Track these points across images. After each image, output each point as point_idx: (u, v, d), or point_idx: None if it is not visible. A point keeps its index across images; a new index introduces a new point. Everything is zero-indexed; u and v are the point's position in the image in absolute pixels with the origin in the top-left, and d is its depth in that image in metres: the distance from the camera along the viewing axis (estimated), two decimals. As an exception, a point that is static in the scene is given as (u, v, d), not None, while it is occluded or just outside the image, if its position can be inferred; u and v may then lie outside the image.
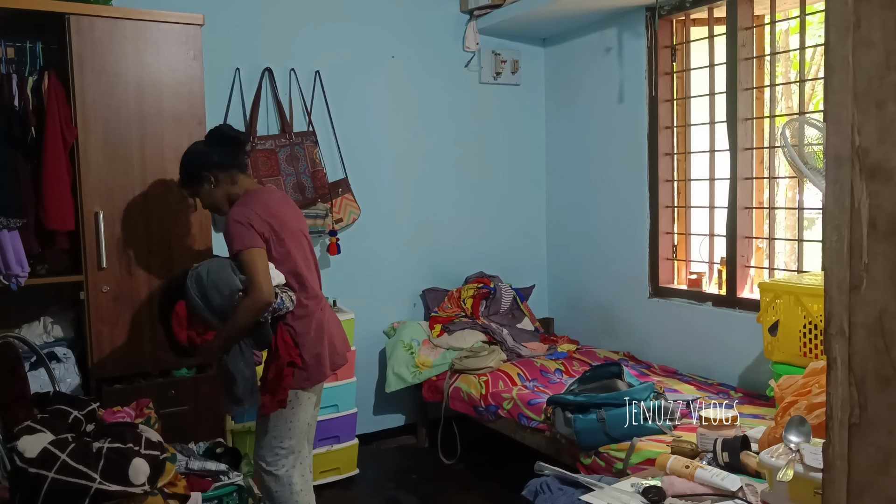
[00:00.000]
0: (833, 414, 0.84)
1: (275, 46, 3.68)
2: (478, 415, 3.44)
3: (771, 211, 3.34)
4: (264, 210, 2.47)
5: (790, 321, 2.75)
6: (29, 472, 1.76)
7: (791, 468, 1.61)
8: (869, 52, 0.78)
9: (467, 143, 4.28)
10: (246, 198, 2.53)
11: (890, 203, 0.77)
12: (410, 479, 3.61)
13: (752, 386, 3.22)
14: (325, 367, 2.56)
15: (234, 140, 2.60)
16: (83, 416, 2.09)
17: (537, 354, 3.80)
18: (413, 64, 4.08)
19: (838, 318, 0.83)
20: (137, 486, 1.84)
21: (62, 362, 2.82)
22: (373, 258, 4.01)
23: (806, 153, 2.68)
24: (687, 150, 3.72)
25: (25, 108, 2.72)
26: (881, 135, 0.78)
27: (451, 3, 4.18)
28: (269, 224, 2.45)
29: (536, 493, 2.06)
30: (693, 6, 3.48)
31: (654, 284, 3.82)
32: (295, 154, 3.64)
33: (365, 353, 3.93)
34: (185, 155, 2.62)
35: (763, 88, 3.33)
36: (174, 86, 2.97)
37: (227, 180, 2.57)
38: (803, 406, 1.89)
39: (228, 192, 2.58)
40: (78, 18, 2.76)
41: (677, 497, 1.79)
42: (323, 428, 3.40)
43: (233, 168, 2.58)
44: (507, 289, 4.11)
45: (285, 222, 2.52)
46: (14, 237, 2.64)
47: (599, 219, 4.13)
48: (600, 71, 4.04)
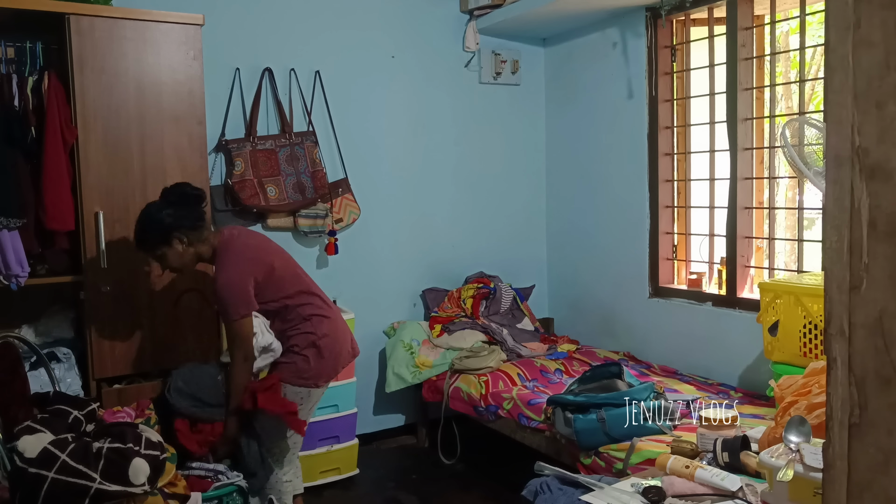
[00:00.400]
0: (833, 414, 0.84)
1: (275, 46, 3.68)
2: (478, 415, 3.44)
3: (771, 211, 3.34)
4: (250, 261, 2.60)
5: (790, 321, 2.75)
6: (29, 472, 1.76)
7: (791, 468, 1.61)
8: (869, 52, 0.78)
9: (467, 143, 4.28)
10: (226, 257, 2.58)
11: (890, 203, 0.77)
12: (410, 479, 3.61)
13: (752, 386, 3.22)
14: (337, 365, 2.76)
15: (197, 198, 2.60)
16: (83, 416, 2.09)
17: (537, 354, 3.80)
18: (413, 64, 4.08)
19: (838, 318, 0.83)
20: (137, 486, 1.84)
21: (62, 362, 2.82)
22: (373, 258, 4.01)
23: (806, 153, 2.68)
24: (687, 150, 3.72)
25: (25, 108, 2.72)
26: (881, 135, 0.78)
27: (451, 3, 4.18)
28: (261, 268, 2.61)
29: (536, 493, 2.05)
30: (693, 6, 3.48)
31: (654, 284, 3.82)
32: (295, 154, 3.64)
33: (365, 353, 3.91)
34: (149, 218, 2.56)
35: (763, 88, 3.33)
36: (174, 86, 2.97)
37: (197, 239, 2.59)
38: (803, 406, 1.89)
39: (199, 251, 2.61)
40: (78, 18, 2.77)
41: (677, 497, 1.79)
42: (323, 428, 3.40)
43: (201, 226, 2.60)
44: (507, 289, 4.11)
45: (270, 261, 2.66)
46: (14, 237, 2.65)
47: (599, 219, 4.13)
48: (600, 71, 4.04)
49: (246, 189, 3.48)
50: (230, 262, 2.57)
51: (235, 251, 2.61)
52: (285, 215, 3.65)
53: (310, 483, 3.36)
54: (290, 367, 2.65)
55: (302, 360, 2.65)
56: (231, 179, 3.47)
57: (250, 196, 3.49)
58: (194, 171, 3.02)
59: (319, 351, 2.66)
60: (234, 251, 2.61)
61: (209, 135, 3.15)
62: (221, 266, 2.56)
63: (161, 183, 2.95)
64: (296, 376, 2.64)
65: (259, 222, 3.65)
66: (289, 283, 2.70)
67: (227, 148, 3.51)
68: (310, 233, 3.68)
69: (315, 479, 3.40)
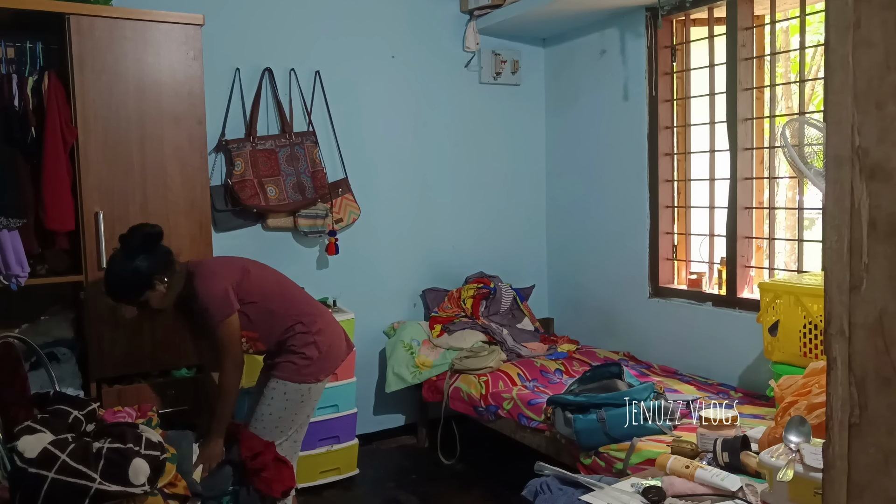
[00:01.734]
0: (833, 414, 0.84)
1: (275, 46, 3.68)
2: (478, 415, 3.44)
3: (771, 211, 3.34)
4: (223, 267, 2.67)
5: (790, 321, 2.75)
6: (29, 472, 1.76)
7: (791, 468, 1.61)
8: (869, 52, 0.78)
9: (467, 144, 4.28)
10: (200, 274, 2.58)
11: (890, 203, 0.77)
12: (410, 479, 3.61)
13: (752, 386, 3.22)
14: (336, 359, 2.79)
15: (158, 235, 2.56)
16: (83, 416, 2.09)
17: (537, 354, 3.80)
18: (413, 64, 4.08)
19: (838, 318, 0.83)
20: (137, 487, 1.84)
21: (62, 362, 2.82)
22: (373, 258, 4.01)
23: (806, 153, 2.68)
24: (687, 150, 3.72)
25: (25, 109, 2.72)
26: (881, 135, 0.78)
27: (451, 3, 4.18)
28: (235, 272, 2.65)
29: (536, 493, 2.06)
30: (693, 6, 3.48)
31: (654, 284, 3.82)
32: (295, 154, 3.64)
33: (365, 353, 3.92)
34: (125, 272, 2.47)
35: (763, 88, 3.33)
36: (174, 86, 2.97)
37: (172, 274, 2.57)
38: (803, 406, 1.89)
39: (175, 284, 2.58)
40: (78, 18, 2.77)
41: (677, 497, 1.79)
42: (323, 428, 3.40)
43: (173, 261, 2.58)
44: (507, 289, 4.11)
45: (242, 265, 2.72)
46: (14, 237, 2.64)
47: (599, 219, 4.13)
48: (600, 71, 4.04)
49: (246, 189, 3.48)
50: (206, 275, 2.59)
51: (208, 267, 2.64)
52: (285, 215, 3.65)
53: (310, 483, 3.36)
54: (290, 367, 2.66)
55: (300, 357, 2.67)
56: (231, 179, 3.48)
57: (250, 196, 3.49)
58: (194, 171, 3.02)
59: (317, 346, 2.69)
60: (207, 267, 2.64)
61: (209, 135, 3.15)
62: (199, 282, 2.56)
63: (161, 183, 2.96)
64: (296, 374, 2.66)
65: (259, 222, 3.65)
66: (269, 283, 2.74)
67: (227, 148, 3.52)
68: (310, 233, 3.68)
69: (315, 479, 3.40)
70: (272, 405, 2.65)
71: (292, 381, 2.66)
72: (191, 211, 3.02)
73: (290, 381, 2.66)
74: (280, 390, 2.65)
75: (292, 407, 2.67)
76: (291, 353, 2.68)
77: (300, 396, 2.67)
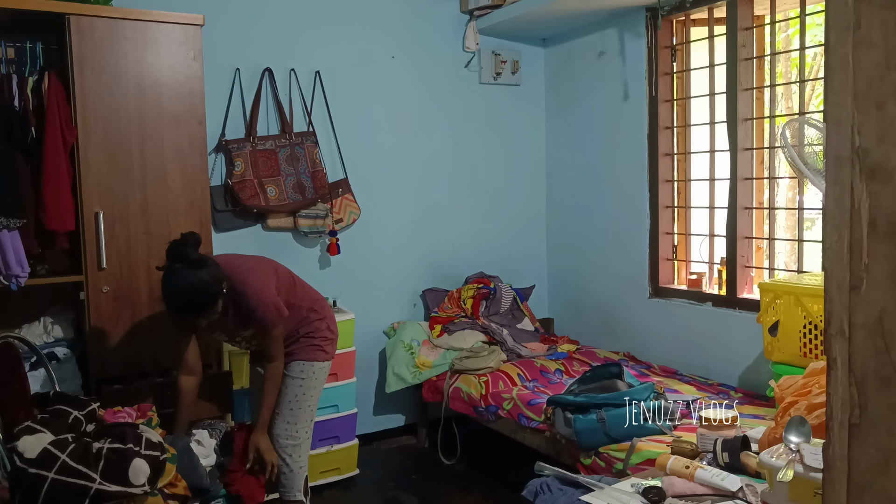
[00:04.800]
0: (833, 414, 0.84)
1: (275, 46, 3.68)
2: (478, 415, 3.44)
3: (771, 211, 3.34)
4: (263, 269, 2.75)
5: (790, 321, 2.75)
6: (29, 472, 1.76)
7: (791, 468, 1.61)
8: (869, 52, 0.78)
9: (467, 144, 4.28)
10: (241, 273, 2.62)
11: (890, 203, 0.77)
12: (410, 479, 3.61)
13: (752, 386, 3.22)
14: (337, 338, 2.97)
15: (199, 240, 2.53)
16: (83, 417, 2.09)
17: (537, 355, 3.80)
18: (413, 64, 4.08)
19: (838, 319, 0.83)
20: (137, 487, 1.84)
21: (62, 362, 2.82)
22: (373, 258, 4.01)
23: (806, 153, 2.68)
24: (687, 150, 3.72)
25: (25, 109, 2.72)
26: (881, 135, 0.78)
27: (451, 4, 4.18)
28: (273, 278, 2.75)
29: (536, 493, 2.06)
30: (693, 6, 3.48)
31: (654, 284, 3.82)
32: (295, 154, 3.64)
33: (365, 354, 3.92)
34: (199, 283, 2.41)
35: (763, 89, 3.33)
36: (174, 86, 2.97)
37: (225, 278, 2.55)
38: (803, 406, 1.89)
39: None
40: (78, 19, 2.77)
41: (677, 497, 1.79)
42: (323, 428, 3.40)
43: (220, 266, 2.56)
44: (507, 289, 4.11)
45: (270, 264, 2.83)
46: (14, 237, 2.65)
47: (599, 219, 4.13)
48: (600, 71, 4.04)
49: (246, 189, 3.48)
50: (256, 284, 2.63)
51: (253, 274, 2.68)
52: (285, 215, 3.65)
53: (310, 483, 3.36)
54: (312, 348, 2.82)
55: (322, 339, 2.85)
56: (231, 179, 3.48)
57: (250, 196, 3.49)
58: (194, 172, 3.02)
59: (329, 328, 2.90)
60: (253, 274, 2.67)
61: (209, 135, 3.15)
62: (251, 291, 2.59)
63: (161, 183, 2.95)
64: (321, 352, 2.84)
65: (259, 222, 3.65)
66: (286, 279, 2.86)
67: (227, 148, 3.51)
68: (310, 233, 3.69)
69: (315, 479, 3.40)
70: (304, 385, 2.79)
71: (317, 361, 2.83)
72: (191, 211, 3.02)
73: (315, 360, 2.82)
74: (308, 370, 2.80)
75: (319, 385, 2.85)
76: (311, 336, 2.83)
77: (324, 374, 2.87)
